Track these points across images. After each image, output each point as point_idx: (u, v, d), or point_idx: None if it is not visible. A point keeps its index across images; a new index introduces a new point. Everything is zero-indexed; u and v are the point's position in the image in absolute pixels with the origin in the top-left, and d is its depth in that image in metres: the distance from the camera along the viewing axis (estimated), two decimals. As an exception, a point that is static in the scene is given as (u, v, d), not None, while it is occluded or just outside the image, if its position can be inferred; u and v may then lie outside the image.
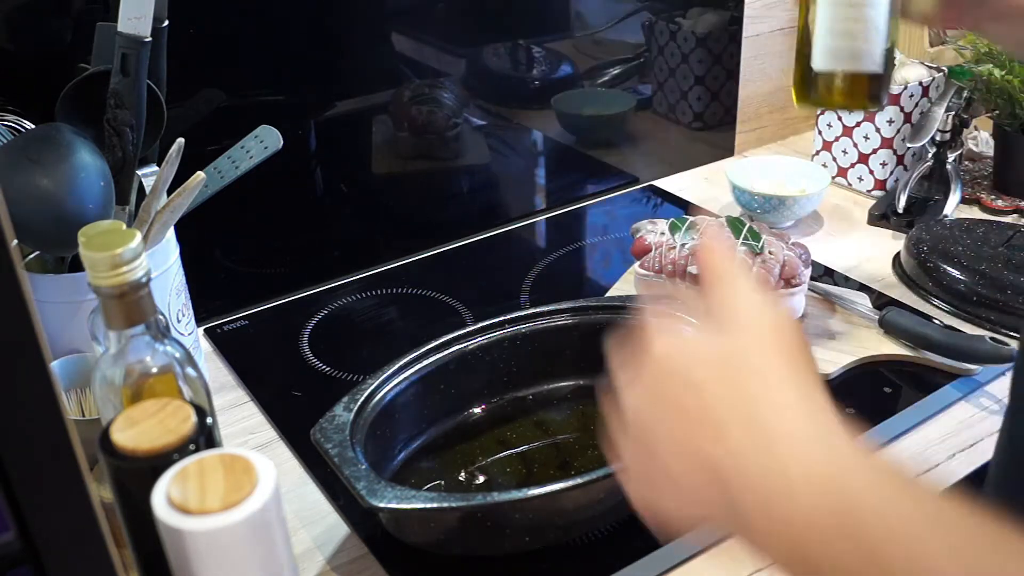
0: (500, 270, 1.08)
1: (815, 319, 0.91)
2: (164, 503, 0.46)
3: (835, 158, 1.23)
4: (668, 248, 0.92)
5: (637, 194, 1.27)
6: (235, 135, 0.84)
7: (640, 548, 0.68)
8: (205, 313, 0.98)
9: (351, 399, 0.71)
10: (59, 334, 0.73)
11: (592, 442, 0.77)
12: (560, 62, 1.20)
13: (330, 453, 0.65)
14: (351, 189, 1.06)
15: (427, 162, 1.13)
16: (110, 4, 0.74)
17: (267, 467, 0.48)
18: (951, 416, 0.81)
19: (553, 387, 0.82)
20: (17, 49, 0.83)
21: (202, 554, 0.46)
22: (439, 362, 0.77)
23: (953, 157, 1.14)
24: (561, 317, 0.81)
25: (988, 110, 1.14)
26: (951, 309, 0.95)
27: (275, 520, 0.48)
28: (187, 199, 0.72)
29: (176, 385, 0.55)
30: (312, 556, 0.70)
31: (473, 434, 0.78)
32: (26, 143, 0.71)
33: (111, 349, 0.53)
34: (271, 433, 0.83)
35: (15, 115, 0.78)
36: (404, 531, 0.68)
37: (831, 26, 0.64)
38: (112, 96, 0.72)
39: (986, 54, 1.12)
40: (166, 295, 0.76)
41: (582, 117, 1.25)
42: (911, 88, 1.14)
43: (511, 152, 1.20)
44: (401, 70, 1.07)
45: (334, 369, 0.90)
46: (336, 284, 1.06)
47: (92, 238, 0.50)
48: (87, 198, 0.69)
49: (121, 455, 0.48)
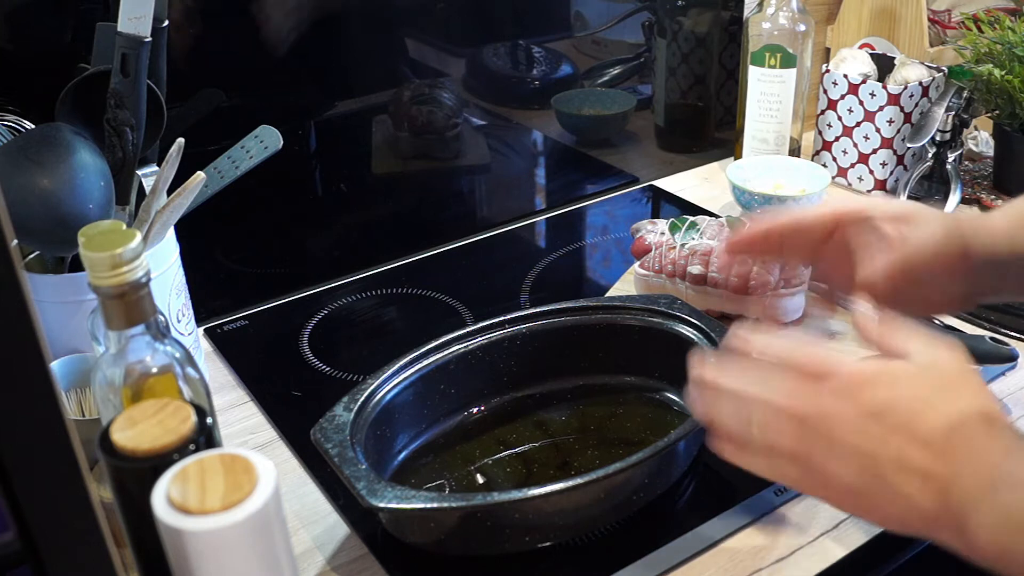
0: (500, 270, 1.08)
1: (815, 319, 0.91)
2: (164, 503, 0.46)
3: (835, 158, 1.23)
4: (668, 248, 0.92)
5: (637, 194, 1.27)
6: (235, 135, 0.84)
7: (640, 548, 0.68)
8: (205, 313, 0.98)
9: (351, 399, 0.71)
10: (59, 334, 0.73)
11: (592, 442, 0.77)
12: (560, 62, 1.20)
13: (330, 453, 0.65)
14: (351, 189, 1.06)
15: (427, 162, 1.13)
16: (110, 4, 0.74)
17: (267, 467, 0.48)
18: (951, 416, 0.81)
19: (553, 387, 0.82)
20: (17, 49, 0.83)
21: (202, 554, 0.46)
22: (439, 362, 0.77)
23: (953, 157, 1.14)
24: (561, 317, 0.81)
25: (988, 110, 1.14)
26: (951, 309, 0.95)
27: (275, 520, 0.48)
28: (187, 199, 0.72)
29: (176, 385, 0.55)
30: (312, 556, 0.70)
31: (473, 434, 0.78)
32: (26, 143, 0.71)
33: (111, 349, 0.53)
34: (271, 433, 0.83)
35: (15, 115, 0.78)
36: (404, 531, 0.68)
37: None
38: (112, 96, 0.72)
39: (986, 54, 1.12)
40: (166, 295, 0.76)
41: (582, 117, 1.25)
42: (911, 88, 1.14)
43: (511, 152, 1.20)
44: (401, 70, 1.07)
45: (334, 369, 0.90)
46: (336, 284, 1.06)
47: (92, 238, 0.50)
48: (87, 198, 0.69)
49: (121, 455, 0.48)
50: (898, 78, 1.17)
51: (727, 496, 0.72)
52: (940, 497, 0.46)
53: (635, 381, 0.81)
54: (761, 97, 1.19)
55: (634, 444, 0.76)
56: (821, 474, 0.50)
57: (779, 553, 0.68)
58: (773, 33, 1.16)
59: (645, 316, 0.79)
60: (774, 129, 1.19)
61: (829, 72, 1.20)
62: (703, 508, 0.71)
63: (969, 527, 0.45)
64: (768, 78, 1.17)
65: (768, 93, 1.18)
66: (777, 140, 1.20)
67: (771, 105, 1.19)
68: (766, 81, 1.18)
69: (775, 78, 1.17)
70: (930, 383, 0.49)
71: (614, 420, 0.79)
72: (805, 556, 0.67)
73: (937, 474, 0.46)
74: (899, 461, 0.47)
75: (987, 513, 0.45)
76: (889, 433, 0.48)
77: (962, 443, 0.47)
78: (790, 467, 0.51)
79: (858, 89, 1.17)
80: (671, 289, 0.92)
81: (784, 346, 0.53)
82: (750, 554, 0.68)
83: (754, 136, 1.21)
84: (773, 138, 1.20)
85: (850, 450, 0.48)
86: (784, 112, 1.19)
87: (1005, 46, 1.08)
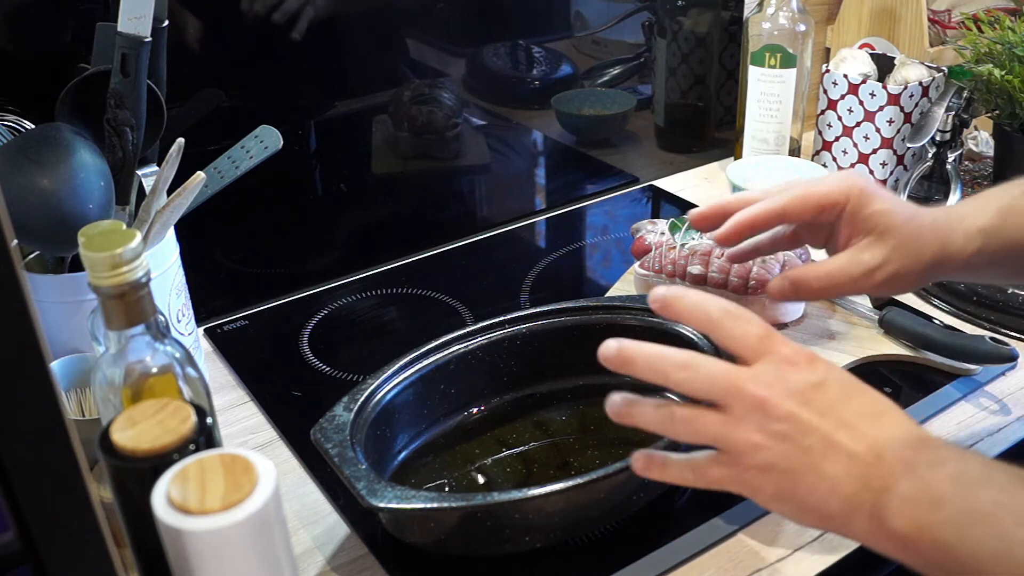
0: (500, 270, 1.08)
1: (815, 319, 0.91)
2: (164, 503, 0.46)
3: (835, 158, 1.23)
4: (668, 248, 0.92)
5: (637, 194, 1.27)
6: (235, 135, 0.84)
7: (640, 548, 0.68)
8: (205, 313, 0.98)
9: (351, 399, 0.71)
10: (59, 334, 0.73)
11: (592, 442, 0.77)
12: (560, 62, 1.20)
13: (330, 453, 0.65)
14: (351, 189, 1.06)
15: (427, 162, 1.13)
16: (110, 4, 0.74)
17: (267, 467, 0.48)
18: (951, 416, 0.81)
19: (553, 387, 0.82)
20: (17, 49, 0.83)
21: (202, 554, 0.46)
22: (439, 362, 0.77)
23: (953, 157, 1.14)
24: (561, 317, 0.81)
25: (988, 110, 1.14)
26: (951, 309, 0.95)
27: (275, 520, 0.48)
28: (187, 199, 0.72)
29: (176, 385, 0.55)
30: (312, 556, 0.70)
31: (473, 434, 0.78)
32: (26, 143, 0.71)
33: (111, 349, 0.53)
34: (271, 433, 0.83)
35: (15, 115, 0.78)
36: (404, 531, 0.68)
37: None
38: (112, 96, 0.72)
39: (986, 54, 1.12)
40: (166, 295, 0.76)
41: (582, 117, 1.25)
42: (911, 88, 1.14)
43: (511, 152, 1.20)
44: (401, 70, 1.07)
45: (334, 369, 0.90)
46: (336, 284, 1.06)
47: (92, 238, 0.50)
48: (87, 198, 0.69)
49: (121, 455, 0.48)
50: (898, 78, 1.17)
51: (727, 496, 0.71)
52: (862, 480, 0.48)
53: (635, 381, 0.81)
54: (761, 97, 1.19)
55: (634, 444, 0.76)
56: (746, 456, 0.51)
57: (779, 553, 0.68)
58: (773, 33, 1.16)
59: (645, 316, 0.79)
60: (774, 129, 1.20)
61: (829, 72, 1.20)
62: (703, 508, 0.71)
63: (887, 506, 0.47)
64: (768, 78, 1.17)
65: (768, 93, 1.18)
66: (777, 140, 1.20)
67: (771, 105, 1.19)
68: (766, 81, 1.18)
69: (775, 78, 1.17)
70: (856, 381, 0.53)
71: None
72: (805, 556, 0.67)
73: (862, 457, 0.49)
74: (827, 442, 0.49)
75: (906, 488, 0.47)
76: (819, 416, 0.50)
77: (886, 431, 0.50)
78: (714, 466, 0.53)
79: (858, 89, 1.17)
80: (671, 289, 0.92)
81: (715, 312, 0.54)
82: (750, 554, 0.68)
83: (754, 136, 1.21)
84: (773, 138, 1.20)
85: (780, 432, 0.50)
86: (784, 112, 1.19)
87: (1005, 46, 1.08)
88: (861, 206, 0.65)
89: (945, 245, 0.65)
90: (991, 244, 0.65)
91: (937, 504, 0.46)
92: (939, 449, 0.49)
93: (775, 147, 1.20)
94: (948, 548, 0.46)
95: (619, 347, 0.54)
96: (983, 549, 0.45)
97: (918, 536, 0.47)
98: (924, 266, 0.64)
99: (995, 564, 0.44)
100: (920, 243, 0.64)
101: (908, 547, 0.47)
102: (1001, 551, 0.44)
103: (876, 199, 0.65)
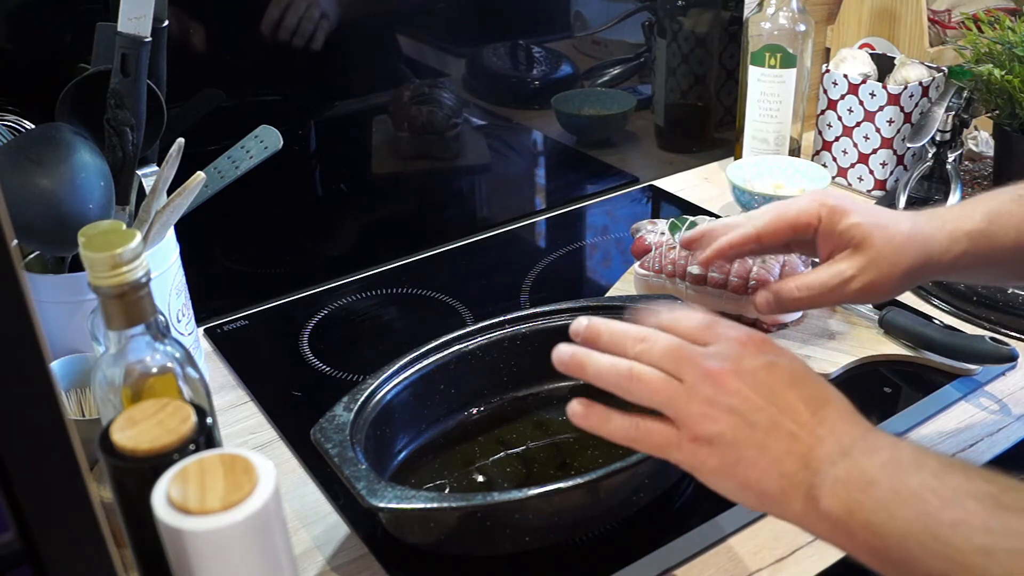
0: (500, 270, 1.08)
1: (815, 319, 0.91)
2: (164, 503, 0.46)
3: (835, 158, 1.23)
4: (668, 248, 0.92)
5: (637, 194, 1.27)
6: (235, 135, 0.84)
7: (640, 548, 0.68)
8: (205, 313, 0.98)
9: (351, 399, 0.71)
10: (59, 334, 0.73)
11: (592, 442, 0.77)
12: (560, 62, 1.20)
13: (330, 453, 0.65)
14: (351, 189, 1.06)
15: (427, 162, 1.13)
16: (110, 4, 0.74)
17: (267, 467, 0.48)
18: (951, 416, 0.81)
19: (553, 387, 0.82)
20: (17, 49, 0.83)
21: (202, 554, 0.46)
22: (439, 362, 0.77)
23: (953, 157, 1.14)
24: (561, 317, 0.81)
25: (988, 110, 1.14)
26: (951, 309, 0.95)
27: (275, 520, 0.48)
28: (187, 199, 0.72)
29: (176, 385, 0.55)
30: (312, 556, 0.70)
31: (473, 434, 0.78)
32: (26, 143, 0.71)
33: (111, 349, 0.53)
34: (271, 433, 0.83)
35: (15, 115, 0.78)
36: (404, 531, 0.68)
37: None
38: (112, 96, 0.72)
39: (986, 54, 1.12)
40: (166, 295, 0.76)
41: (582, 117, 1.25)
42: (911, 88, 1.14)
43: (511, 152, 1.20)
44: (401, 70, 1.07)
45: (334, 369, 0.90)
46: (336, 284, 1.06)
47: (92, 238, 0.50)
48: (87, 198, 0.69)
49: (121, 455, 0.48)
50: (898, 78, 1.17)
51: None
52: (802, 460, 0.50)
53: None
54: (761, 97, 1.19)
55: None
56: (694, 424, 0.52)
57: (779, 553, 0.68)
58: (773, 33, 1.16)
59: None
60: (774, 129, 1.20)
61: (829, 72, 1.20)
62: (703, 508, 0.71)
63: (821, 487, 0.49)
64: (768, 78, 1.17)
65: (768, 93, 1.18)
66: (777, 140, 1.20)
67: (771, 105, 1.19)
68: (766, 81, 1.18)
69: (775, 78, 1.17)
70: (805, 367, 0.55)
71: (614, 420, 0.79)
72: (805, 556, 0.67)
73: (803, 439, 0.51)
74: (772, 421, 0.51)
75: (840, 471, 0.49)
76: (767, 395, 0.52)
77: (828, 417, 0.52)
78: (660, 428, 0.54)
79: (858, 89, 1.17)
80: (671, 289, 0.92)
81: (672, 318, 0.57)
82: (750, 554, 0.68)
83: (754, 136, 1.21)
84: (773, 138, 1.20)
85: (728, 405, 0.52)
86: (784, 112, 1.19)
87: (1005, 46, 1.08)
88: (834, 223, 0.67)
89: (926, 249, 0.66)
90: (977, 247, 0.66)
91: (868, 486, 0.48)
92: (876, 438, 0.51)
93: (775, 147, 1.20)
94: (877, 529, 0.47)
95: (589, 321, 0.58)
96: (910, 530, 0.46)
97: (848, 517, 0.48)
98: (902, 272, 0.66)
99: (921, 546, 0.45)
100: (897, 251, 0.66)
101: (839, 528, 0.48)
102: (926, 532, 0.46)
103: (849, 214, 0.67)
